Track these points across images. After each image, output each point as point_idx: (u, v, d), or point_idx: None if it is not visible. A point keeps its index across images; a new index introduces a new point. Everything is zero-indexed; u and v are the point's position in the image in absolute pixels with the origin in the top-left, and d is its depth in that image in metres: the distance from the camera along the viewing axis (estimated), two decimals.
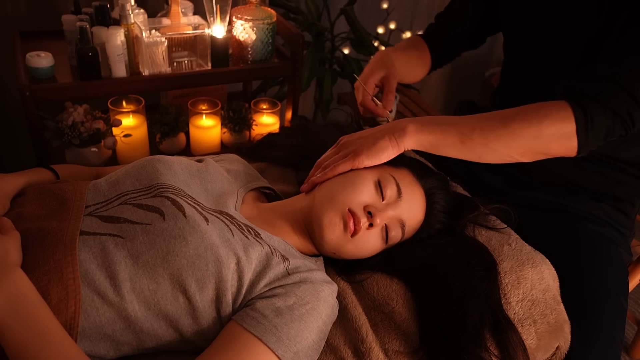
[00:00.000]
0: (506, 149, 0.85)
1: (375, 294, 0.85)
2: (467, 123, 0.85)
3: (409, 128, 0.85)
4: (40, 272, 0.67)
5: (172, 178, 0.82)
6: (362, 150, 0.86)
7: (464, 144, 0.85)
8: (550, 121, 0.82)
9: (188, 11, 1.53)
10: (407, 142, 0.86)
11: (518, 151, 0.85)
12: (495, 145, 0.84)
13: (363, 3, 2.17)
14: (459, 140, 0.85)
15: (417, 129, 0.85)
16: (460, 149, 0.86)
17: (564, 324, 0.86)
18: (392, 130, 0.86)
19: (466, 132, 0.84)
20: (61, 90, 1.28)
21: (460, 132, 0.84)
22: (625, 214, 1.07)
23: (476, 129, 0.84)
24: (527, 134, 0.83)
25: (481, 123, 0.85)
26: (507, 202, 0.94)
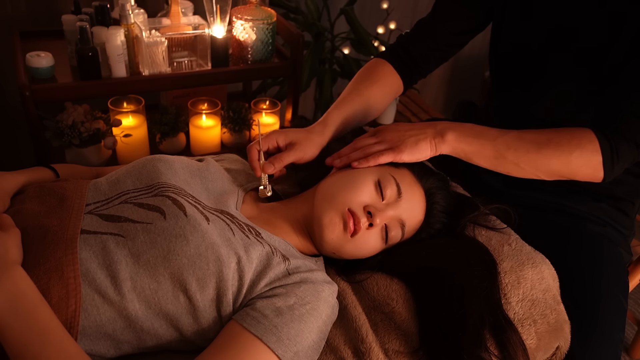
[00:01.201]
0: (535, 170, 0.90)
1: (375, 294, 0.85)
2: (504, 141, 0.89)
3: (449, 136, 0.89)
4: (40, 270, 0.67)
5: (173, 177, 0.82)
6: (405, 147, 0.88)
7: (497, 159, 0.90)
8: (580, 152, 0.87)
9: (188, 11, 1.53)
10: (444, 149, 0.90)
11: (545, 173, 0.91)
12: (526, 166, 0.90)
13: (363, 3, 2.17)
14: (493, 156, 0.90)
15: (456, 138, 0.90)
16: (492, 163, 0.91)
17: (564, 324, 0.86)
18: (434, 134, 0.90)
19: (501, 149, 0.89)
20: (61, 90, 1.28)
21: (495, 149, 0.89)
22: (625, 213, 1.07)
23: (511, 148, 0.89)
24: (557, 161, 0.88)
25: (517, 143, 0.89)
26: (507, 202, 0.94)
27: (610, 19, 0.92)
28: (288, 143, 0.93)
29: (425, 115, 2.09)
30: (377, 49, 1.89)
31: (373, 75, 1.10)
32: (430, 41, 1.13)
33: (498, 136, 0.90)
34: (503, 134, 0.90)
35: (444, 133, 0.89)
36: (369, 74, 1.11)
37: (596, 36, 0.95)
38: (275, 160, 0.90)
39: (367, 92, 1.06)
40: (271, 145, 0.93)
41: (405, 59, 1.13)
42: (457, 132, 0.90)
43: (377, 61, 1.13)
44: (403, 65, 1.13)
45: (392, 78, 1.13)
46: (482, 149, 0.90)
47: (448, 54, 1.17)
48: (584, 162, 0.88)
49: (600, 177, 0.89)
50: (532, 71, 1.06)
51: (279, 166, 0.90)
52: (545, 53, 1.02)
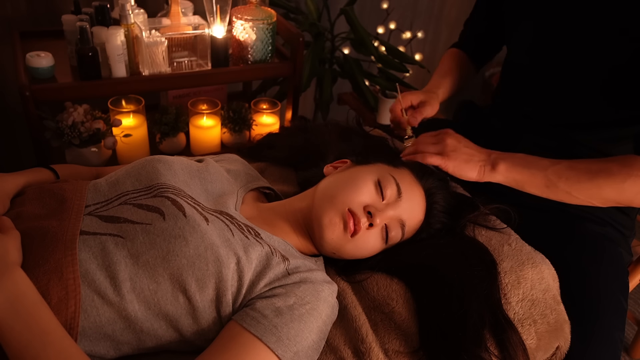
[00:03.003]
0: (588, 198, 0.91)
1: (375, 294, 0.85)
2: (555, 170, 0.91)
3: (500, 167, 0.92)
4: (40, 271, 0.67)
5: (172, 178, 0.82)
6: (454, 160, 0.92)
7: (548, 188, 0.92)
8: (633, 180, 0.88)
9: (188, 11, 1.53)
10: (496, 177, 0.94)
11: (600, 201, 0.92)
12: (578, 194, 0.91)
13: (363, 3, 2.17)
14: (545, 185, 0.92)
15: (507, 169, 0.92)
16: (545, 191, 0.93)
17: (564, 324, 0.86)
18: (486, 161, 0.93)
19: (553, 179, 0.91)
20: (61, 90, 1.28)
21: (547, 179, 0.91)
22: (626, 213, 1.07)
23: (562, 177, 0.90)
24: (609, 189, 0.89)
25: (568, 173, 0.91)
26: (507, 202, 0.94)
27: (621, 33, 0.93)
28: (419, 102, 1.13)
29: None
30: (377, 49, 1.89)
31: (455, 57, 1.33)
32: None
33: (549, 166, 0.92)
34: (554, 163, 0.92)
35: (496, 163, 0.93)
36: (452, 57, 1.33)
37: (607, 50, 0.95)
38: (417, 113, 1.10)
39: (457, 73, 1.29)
40: (406, 105, 1.12)
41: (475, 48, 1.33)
42: (508, 162, 0.93)
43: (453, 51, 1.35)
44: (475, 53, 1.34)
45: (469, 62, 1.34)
46: (532, 179, 0.92)
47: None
48: (638, 190, 0.88)
49: None
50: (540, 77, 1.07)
51: (420, 118, 1.10)
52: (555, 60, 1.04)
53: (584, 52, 1.00)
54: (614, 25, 0.94)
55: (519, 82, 1.15)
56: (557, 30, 1.04)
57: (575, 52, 1.01)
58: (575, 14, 0.99)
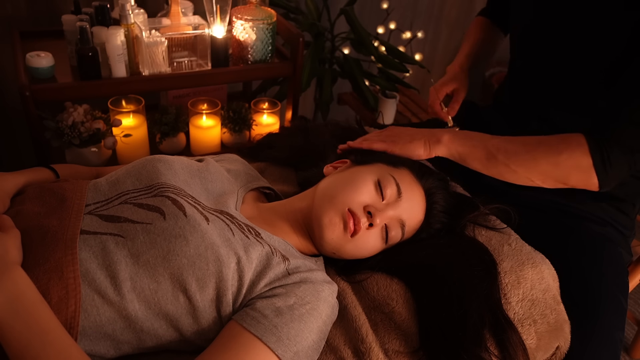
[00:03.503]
0: (526, 172, 0.92)
1: (375, 294, 0.85)
2: (494, 143, 0.94)
3: (444, 138, 0.96)
4: (40, 270, 0.67)
5: (173, 178, 0.82)
6: (398, 142, 0.96)
7: (488, 160, 0.94)
8: (569, 154, 0.89)
9: (188, 11, 1.53)
10: (439, 150, 0.96)
11: (538, 177, 0.93)
12: (516, 167, 0.92)
13: (363, 3, 2.17)
14: (485, 157, 0.94)
15: (450, 140, 0.96)
16: (485, 165, 0.95)
17: (564, 324, 0.86)
18: (430, 136, 0.96)
19: (492, 150, 0.93)
20: (61, 90, 1.28)
21: (487, 150, 0.94)
22: (626, 214, 1.07)
23: (501, 149, 0.93)
24: (545, 162, 0.90)
25: (506, 144, 0.93)
26: (507, 202, 0.94)
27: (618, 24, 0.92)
28: (453, 90, 1.23)
29: (426, 116, 2.09)
30: (377, 49, 1.89)
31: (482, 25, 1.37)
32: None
33: (490, 139, 0.95)
34: (495, 137, 0.95)
35: (440, 136, 0.96)
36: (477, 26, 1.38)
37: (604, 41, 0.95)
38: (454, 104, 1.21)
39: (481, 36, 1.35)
40: (442, 95, 1.21)
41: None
42: (451, 134, 0.96)
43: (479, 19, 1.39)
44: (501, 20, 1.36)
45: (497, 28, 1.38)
46: (473, 150, 0.94)
47: None
48: (573, 164, 0.88)
49: (594, 183, 0.90)
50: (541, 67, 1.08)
51: (457, 107, 1.21)
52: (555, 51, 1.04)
53: (586, 32, 0.98)
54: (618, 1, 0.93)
55: (525, 75, 1.15)
56: (558, 10, 1.03)
57: (576, 33, 1.00)
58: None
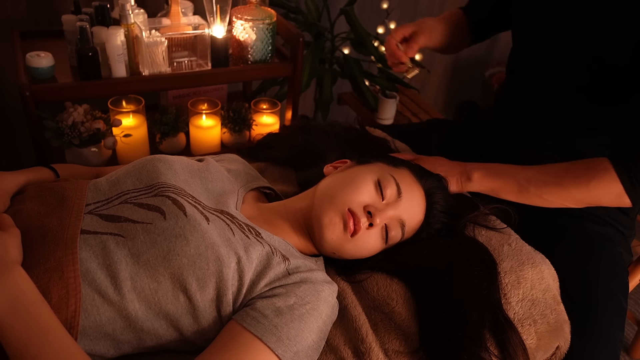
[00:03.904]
0: (559, 200, 0.95)
1: (375, 294, 0.85)
2: (524, 176, 0.96)
3: (474, 176, 0.99)
4: (40, 270, 0.67)
5: (173, 177, 0.82)
6: None
7: (521, 193, 0.96)
8: (597, 182, 0.91)
9: (188, 11, 1.53)
10: (470, 187, 0.99)
11: (571, 202, 0.96)
12: (549, 197, 0.95)
13: (363, 3, 2.17)
14: (517, 190, 0.96)
15: (481, 177, 0.98)
16: (518, 197, 0.97)
17: (564, 324, 0.86)
18: (461, 174, 1.00)
19: (523, 184, 0.96)
20: (61, 90, 1.28)
21: (518, 184, 0.96)
22: (626, 213, 1.07)
23: (532, 182, 0.95)
24: (576, 190, 0.93)
25: (537, 177, 0.95)
26: (507, 202, 0.94)
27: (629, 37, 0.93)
28: (412, 33, 1.17)
29: (425, 116, 2.09)
30: (377, 49, 1.89)
31: (462, 21, 1.28)
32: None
33: (520, 172, 0.97)
34: (525, 169, 0.97)
35: (471, 173, 0.99)
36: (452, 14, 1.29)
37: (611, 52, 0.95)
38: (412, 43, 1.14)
39: (453, 28, 1.25)
40: (399, 38, 1.16)
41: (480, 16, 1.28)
42: (481, 172, 0.98)
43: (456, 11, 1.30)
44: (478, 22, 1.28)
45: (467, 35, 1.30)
46: (505, 185, 0.97)
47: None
48: (603, 191, 0.91)
49: (627, 202, 0.92)
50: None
51: (416, 48, 1.15)
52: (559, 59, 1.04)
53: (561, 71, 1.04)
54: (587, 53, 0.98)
55: (520, 85, 1.16)
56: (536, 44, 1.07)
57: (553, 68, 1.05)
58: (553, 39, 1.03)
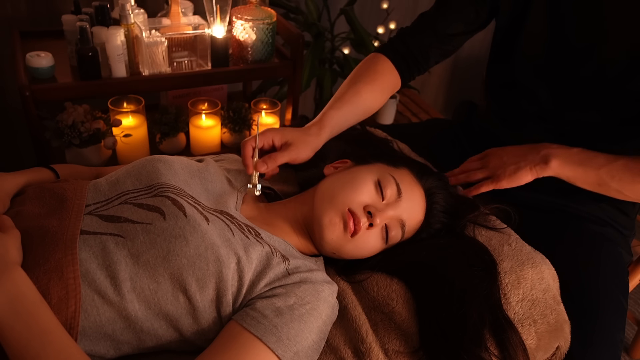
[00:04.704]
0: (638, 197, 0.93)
1: (375, 294, 0.85)
2: (608, 170, 0.91)
3: (552, 164, 0.93)
4: (40, 271, 0.67)
5: (173, 178, 0.82)
6: (503, 177, 0.95)
7: (600, 186, 0.93)
8: None
9: (188, 11, 1.53)
10: (547, 173, 0.94)
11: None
12: (629, 194, 0.92)
13: (363, 3, 2.17)
14: (597, 183, 0.93)
15: (559, 166, 0.93)
16: (596, 189, 0.94)
17: (564, 324, 0.86)
18: (536, 162, 0.94)
19: (606, 179, 0.92)
20: (61, 90, 1.28)
21: (599, 177, 0.92)
22: (626, 213, 1.07)
23: (616, 178, 0.91)
24: None
25: (622, 174, 0.91)
26: (507, 202, 0.94)
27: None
28: (284, 143, 0.92)
29: (425, 116, 2.09)
30: None
31: (371, 72, 1.07)
32: (431, 36, 1.10)
33: (604, 164, 0.92)
34: (609, 161, 0.92)
35: (548, 159, 0.93)
36: (367, 70, 1.08)
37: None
38: (269, 159, 0.88)
39: (364, 91, 1.03)
40: (267, 143, 0.91)
41: (405, 53, 1.10)
42: (560, 159, 0.93)
43: (375, 56, 1.11)
44: (402, 61, 1.11)
45: (390, 75, 1.10)
46: (585, 176, 0.92)
47: (448, 50, 1.14)
48: None
49: None
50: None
51: (272, 165, 0.88)
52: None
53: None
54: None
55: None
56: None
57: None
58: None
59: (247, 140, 0.90)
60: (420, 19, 1.13)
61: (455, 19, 1.10)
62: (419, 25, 1.12)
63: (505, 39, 1.12)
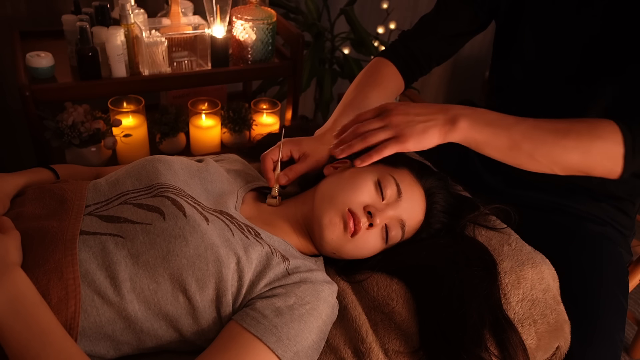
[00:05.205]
0: (551, 163, 0.84)
1: (375, 294, 0.85)
2: (519, 130, 0.83)
3: (461, 124, 0.84)
4: (40, 271, 0.67)
5: (173, 178, 0.82)
6: (410, 136, 0.83)
7: (511, 150, 0.84)
8: (602, 142, 0.82)
9: (188, 11, 1.53)
10: (454, 137, 0.84)
11: (562, 166, 0.85)
12: (542, 158, 0.84)
13: (363, 3, 2.17)
14: (508, 146, 0.84)
15: (469, 126, 0.84)
16: (506, 154, 0.85)
17: (564, 324, 0.86)
18: (445, 122, 0.84)
19: (517, 139, 0.83)
20: (61, 90, 1.28)
21: (510, 139, 0.83)
22: (626, 213, 1.07)
23: (527, 137, 0.83)
24: (577, 152, 0.82)
25: (533, 132, 0.83)
26: (507, 202, 0.94)
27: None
28: (302, 154, 0.94)
29: None
30: (377, 49, 1.89)
31: (377, 77, 1.09)
32: (432, 38, 1.13)
33: (514, 124, 0.84)
34: (519, 122, 0.84)
35: (457, 120, 0.84)
36: (373, 75, 1.10)
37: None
38: (290, 171, 0.91)
39: (372, 95, 1.04)
40: (285, 155, 0.94)
41: (407, 57, 1.13)
42: (470, 119, 0.84)
43: (379, 61, 1.13)
44: (405, 64, 1.13)
45: (395, 79, 1.12)
46: (495, 138, 0.84)
47: (449, 52, 1.17)
48: (604, 155, 0.82)
49: (618, 171, 0.84)
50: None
51: (292, 177, 0.91)
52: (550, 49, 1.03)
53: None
54: None
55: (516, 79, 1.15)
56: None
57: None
58: None
59: (267, 154, 0.92)
60: (421, 22, 1.15)
61: (455, 21, 1.11)
62: (420, 29, 1.14)
63: (503, 39, 1.12)
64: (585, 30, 0.97)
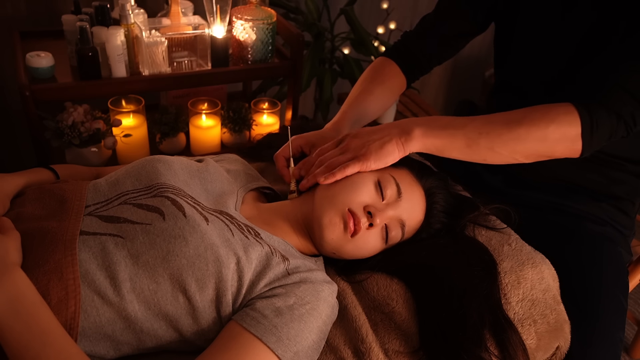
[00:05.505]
0: (511, 153, 0.86)
1: (375, 294, 0.85)
2: (474, 127, 0.86)
3: (415, 132, 0.85)
4: (40, 272, 0.67)
5: (172, 178, 0.82)
6: (370, 154, 0.85)
7: (470, 148, 0.86)
8: (557, 125, 0.83)
9: (188, 11, 1.53)
10: (413, 146, 0.86)
11: (523, 154, 0.87)
12: (501, 150, 0.85)
13: (363, 3, 2.17)
14: (466, 145, 0.86)
15: (423, 133, 0.85)
16: (467, 152, 0.87)
17: (564, 324, 0.86)
18: (399, 134, 0.86)
19: (473, 136, 0.85)
20: (61, 90, 1.28)
21: (466, 137, 0.85)
22: (626, 213, 1.07)
23: (482, 133, 0.85)
24: (533, 139, 0.84)
25: (487, 127, 0.85)
26: (507, 202, 0.94)
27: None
28: (311, 147, 0.97)
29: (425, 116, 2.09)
30: (377, 49, 1.89)
31: (381, 75, 1.14)
32: (432, 39, 1.15)
33: (467, 123, 0.86)
34: (471, 120, 0.87)
35: (410, 130, 0.85)
36: (377, 73, 1.15)
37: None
38: (304, 165, 0.93)
39: (376, 91, 1.10)
40: (296, 151, 0.97)
41: (409, 57, 1.16)
42: (423, 126, 0.86)
43: (382, 60, 1.17)
44: (407, 64, 1.16)
45: (398, 77, 1.16)
46: (452, 140, 0.85)
47: (449, 52, 1.19)
48: (560, 137, 0.84)
49: (578, 150, 0.85)
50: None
51: (307, 169, 0.93)
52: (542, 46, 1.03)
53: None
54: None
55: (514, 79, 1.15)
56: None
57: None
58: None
59: (279, 153, 0.97)
60: (422, 23, 1.17)
61: (455, 22, 1.13)
62: (420, 30, 1.17)
63: (502, 40, 1.13)
64: (575, 28, 0.97)
